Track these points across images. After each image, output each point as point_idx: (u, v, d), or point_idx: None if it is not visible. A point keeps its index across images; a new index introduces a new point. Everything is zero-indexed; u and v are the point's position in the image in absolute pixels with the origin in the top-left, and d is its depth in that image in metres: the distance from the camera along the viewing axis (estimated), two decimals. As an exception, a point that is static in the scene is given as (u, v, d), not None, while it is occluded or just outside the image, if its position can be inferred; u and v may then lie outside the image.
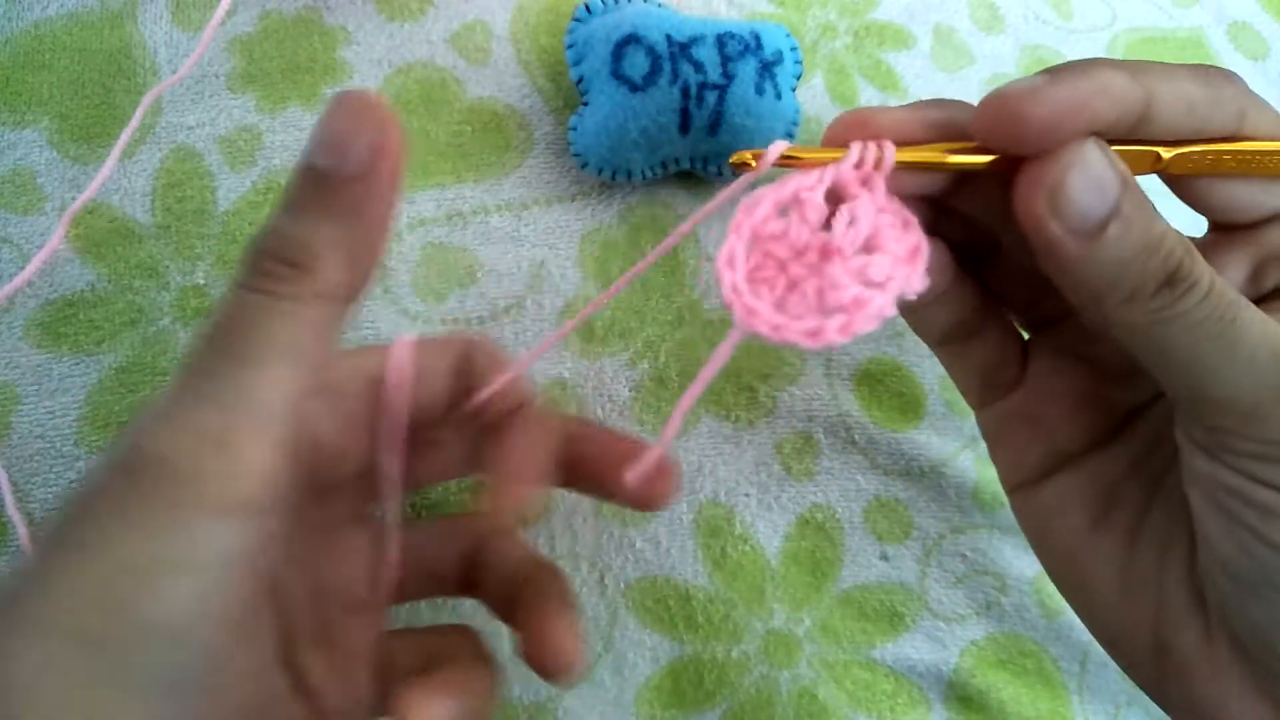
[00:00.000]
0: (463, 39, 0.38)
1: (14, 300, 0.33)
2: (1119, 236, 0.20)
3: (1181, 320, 0.20)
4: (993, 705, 0.34)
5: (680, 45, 0.34)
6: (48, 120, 0.35)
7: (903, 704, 0.34)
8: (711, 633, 0.34)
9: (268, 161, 0.36)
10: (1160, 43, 0.44)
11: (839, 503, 0.35)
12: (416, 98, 0.37)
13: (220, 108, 0.36)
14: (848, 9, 0.41)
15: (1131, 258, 0.20)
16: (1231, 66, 0.44)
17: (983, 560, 0.35)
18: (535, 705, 0.32)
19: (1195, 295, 0.20)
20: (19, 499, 0.32)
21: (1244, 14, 0.45)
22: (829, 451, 0.36)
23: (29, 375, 0.33)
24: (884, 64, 0.40)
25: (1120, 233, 0.20)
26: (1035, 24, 0.42)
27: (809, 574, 0.35)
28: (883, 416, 0.36)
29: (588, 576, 0.34)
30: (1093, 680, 0.35)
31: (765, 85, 0.35)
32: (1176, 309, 0.20)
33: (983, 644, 0.35)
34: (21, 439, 0.32)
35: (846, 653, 0.34)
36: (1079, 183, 0.20)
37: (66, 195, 0.34)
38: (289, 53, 0.37)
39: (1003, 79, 0.40)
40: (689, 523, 0.34)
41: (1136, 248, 0.20)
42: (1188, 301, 0.20)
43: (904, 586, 0.35)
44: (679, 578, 0.34)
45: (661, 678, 0.33)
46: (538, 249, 0.36)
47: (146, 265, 0.34)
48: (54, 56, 0.36)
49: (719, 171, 0.36)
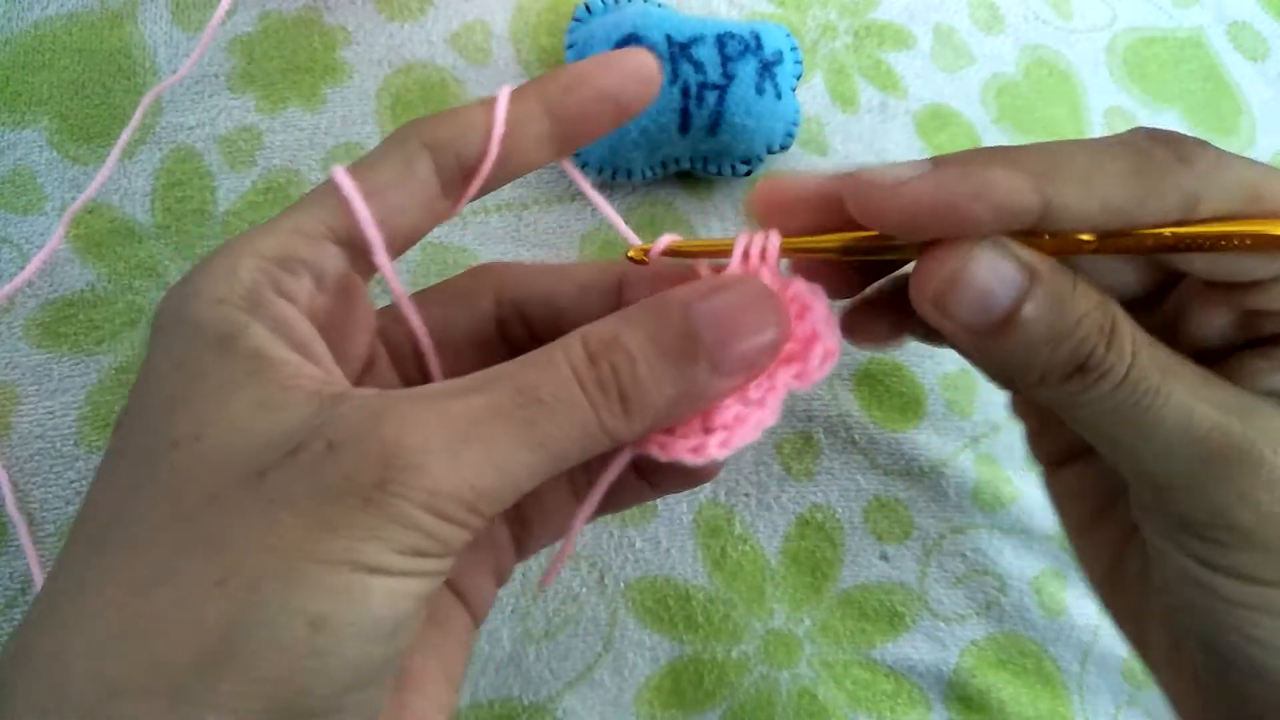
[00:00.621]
0: (463, 39, 0.38)
1: (14, 300, 0.33)
2: (1023, 330, 0.20)
3: (1094, 405, 0.20)
4: (993, 705, 0.34)
5: (680, 45, 0.34)
6: (48, 120, 0.35)
7: (903, 704, 0.34)
8: (711, 633, 0.34)
9: (267, 161, 0.36)
10: (1160, 43, 0.44)
11: (839, 503, 0.35)
12: (416, 98, 0.37)
13: (220, 108, 0.36)
14: (848, 9, 0.41)
15: (1038, 348, 0.20)
16: (1231, 66, 0.44)
17: (983, 560, 0.35)
18: (535, 705, 0.32)
19: (1107, 383, 0.20)
20: (19, 499, 0.32)
21: (1244, 14, 0.45)
22: (829, 451, 0.36)
23: (29, 375, 0.33)
24: (884, 64, 0.40)
25: (1024, 327, 0.20)
26: (1035, 24, 0.42)
27: (809, 574, 0.35)
28: (883, 416, 0.36)
29: (587, 577, 0.34)
30: (1093, 680, 0.35)
31: (765, 85, 0.35)
32: (1089, 395, 0.20)
33: (983, 644, 0.35)
34: (21, 439, 0.32)
35: (846, 653, 0.34)
36: (965, 292, 0.20)
37: (66, 195, 0.34)
38: (289, 53, 0.37)
39: (1003, 79, 0.41)
40: (689, 523, 0.34)
41: (1043, 339, 0.20)
42: (1100, 389, 0.20)
43: (904, 586, 0.35)
44: (679, 578, 0.34)
45: (661, 678, 0.33)
46: (538, 249, 0.36)
47: (146, 265, 0.34)
48: (54, 56, 0.36)
49: (719, 171, 0.36)
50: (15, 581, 0.31)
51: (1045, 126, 0.41)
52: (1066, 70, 0.42)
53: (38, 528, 0.32)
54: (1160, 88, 0.43)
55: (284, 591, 0.16)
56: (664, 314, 0.20)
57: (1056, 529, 0.36)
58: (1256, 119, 0.43)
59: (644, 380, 0.19)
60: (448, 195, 0.22)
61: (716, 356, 0.20)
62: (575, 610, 0.33)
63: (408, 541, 0.17)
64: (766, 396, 0.21)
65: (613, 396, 0.19)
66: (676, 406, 0.20)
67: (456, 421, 0.18)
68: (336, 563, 0.17)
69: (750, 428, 0.21)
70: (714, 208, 0.37)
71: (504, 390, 0.18)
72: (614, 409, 0.19)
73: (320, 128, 0.36)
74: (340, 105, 0.36)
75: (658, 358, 0.19)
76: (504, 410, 0.18)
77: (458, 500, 0.17)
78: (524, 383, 0.18)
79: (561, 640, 0.33)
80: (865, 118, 0.39)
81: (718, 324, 0.20)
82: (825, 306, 0.21)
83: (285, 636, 0.16)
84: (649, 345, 0.19)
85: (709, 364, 0.19)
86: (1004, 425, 0.37)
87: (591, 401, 0.19)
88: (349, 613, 0.17)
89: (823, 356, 0.21)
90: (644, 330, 0.20)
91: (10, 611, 0.31)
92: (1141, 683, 0.35)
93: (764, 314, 0.20)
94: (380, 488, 0.17)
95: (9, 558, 0.32)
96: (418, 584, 0.18)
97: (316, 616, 0.16)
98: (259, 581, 0.16)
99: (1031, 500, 0.36)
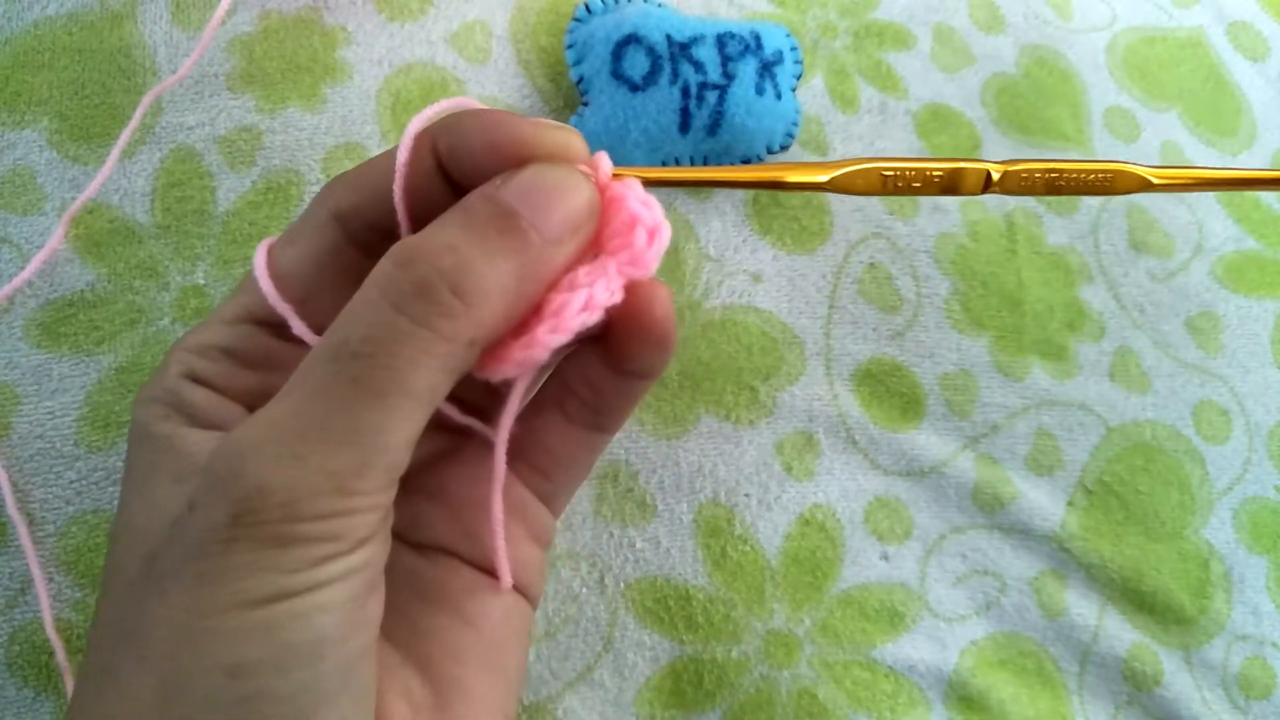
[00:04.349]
0: (463, 39, 0.38)
1: (14, 300, 0.33)
2: None
3: None
4: (993, 705, 0.34)
5: (680, 45, 0.34)
6: (48, 120, 0.35)
7: (903, 704, 0.34)
8: (711, 633, 0.34)
9: (267, 161, 0.36)
10: (1160, 43, 0.44)
11: (839, 503, 0.35)
12: (416, 98, 0.37)
13: (220, 108, 0.36)
14: (848, 9, 0.41)
15: None
16: (1231, 66, 0.44)
17: (983, 560, 0.35)
18: (535, 705, 0.33)
19: None
20: (19, 499, 0.32)
21: (1244, 14, 0.45)
22: (829, 451, 0.36)
23: (29, 375, 0.33)
24: (884, 64, 0.40)
25: None
26: (1035, 24, 0.42)
27: (809, 574, 0.35)
28: (883, 416, 0.36)
29: (587, 577, 0.34)
30: (1092, 680, 0.35)
31: (765, 85, 0.35)
32: None
33: (983, 644, 0.35)
34: (21, 439, 0.32)
35: (846, 653, 0.34)
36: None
37: (66, 195, 0.34)
38: (289, 53, 0.37)
39: (1003, 79, 0.41)
40: (689, 523, 0.34)
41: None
42: None
43: (904, 586, 0.35)
44: (679, 578, 0.34)
45: (661, 678, 0.33)
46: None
47: (146, 265, 0.34)
48: (54, 56, 0.36)
49: (719, 171, 0.36)
50: (15, 581, 0.31)
51: (1045, 126, 0.41)
52: (1067, 70, 0.42)
53: (38, 528, 0.32)
54: (1160, 88, 0.43)
55: (193, 653, 0.16)
56: (471, 205, 0.19)
57: (1056, 529, 0.36)
58: (1256, 119, 0.43)
59: (472, 262, 0.18)
60: (370, 255, 0.20)
61: (539, 223, 0.19)
62: (575, 610, 0.33)
63: (292, 558, 0.17)
64: (595, 280, 0.20)
65: (441, 294, 0.17)
66: (521, 284, 0.19)
67: (281, 422, 0.17)
68: (227, 609, 0.16)
69: (575, 309, 0.20)
70: (714, 207, 0.37)
71: (316, 366, 0.17)
72: (447, 306, 0.17)
73: (320, 128, 0.36)
74: (340, 105, 0.36)
75: (480, 240, 0.18)
76: (323, 386, 0.17)
77: (320, 494, 0.17)
78: (331, 346, 0.17)
79: (561, 640, 0.33)
80: (865, 118, 0.39)
81: (528, 196, 0.19)
82: (637, 192, 0.21)
83: (209, 691, 0.16)
84: (467, 232, 0.18)
85: (535, 230, 0.19)
86: (1004, 425, 0.37)
87: (415, 317, 0.17)
88: (258, 650, 0.16)
89: (647, 236, 0.20)
90: (454, 224, 0.19)
91: (10, 612, 0.31)
92: (1141, 683, 0.35)
93: (569, 179, 0.20)
94: (235, 524, 0.16)
95: (9, 558, 0.32)
96: (335, 591, 0.17)
97: (230, 665, 0.16)
98: (171, 653, 0.17)
99: (1031, 500, 0.36)
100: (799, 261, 0.37)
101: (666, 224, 0.21)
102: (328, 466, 0.17)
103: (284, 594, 0.16)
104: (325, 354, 0.18)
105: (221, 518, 0.17)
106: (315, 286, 0.21)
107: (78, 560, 0.32)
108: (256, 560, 0.16)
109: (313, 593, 0.17)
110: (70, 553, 0.32)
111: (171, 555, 0.17)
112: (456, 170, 0.21)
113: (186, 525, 0.17)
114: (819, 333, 0.36)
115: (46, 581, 0.31)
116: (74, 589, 0.32)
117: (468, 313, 0.18)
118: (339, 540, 0.17)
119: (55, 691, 0.31)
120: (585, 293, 0.20)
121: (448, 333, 0.17)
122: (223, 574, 0.16)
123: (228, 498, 0.17)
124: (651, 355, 0.22)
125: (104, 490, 0.32)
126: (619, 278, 0.20)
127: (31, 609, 0.31)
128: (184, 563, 0.17)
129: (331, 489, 0.17)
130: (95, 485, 0.32)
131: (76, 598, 0.31)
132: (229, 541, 0.16)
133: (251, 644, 0.16)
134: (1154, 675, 0.35)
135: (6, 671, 0.31)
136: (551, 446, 0.23)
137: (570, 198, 0.19)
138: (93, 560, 0.32)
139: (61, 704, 0.31)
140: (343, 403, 0.17)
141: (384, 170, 0.21)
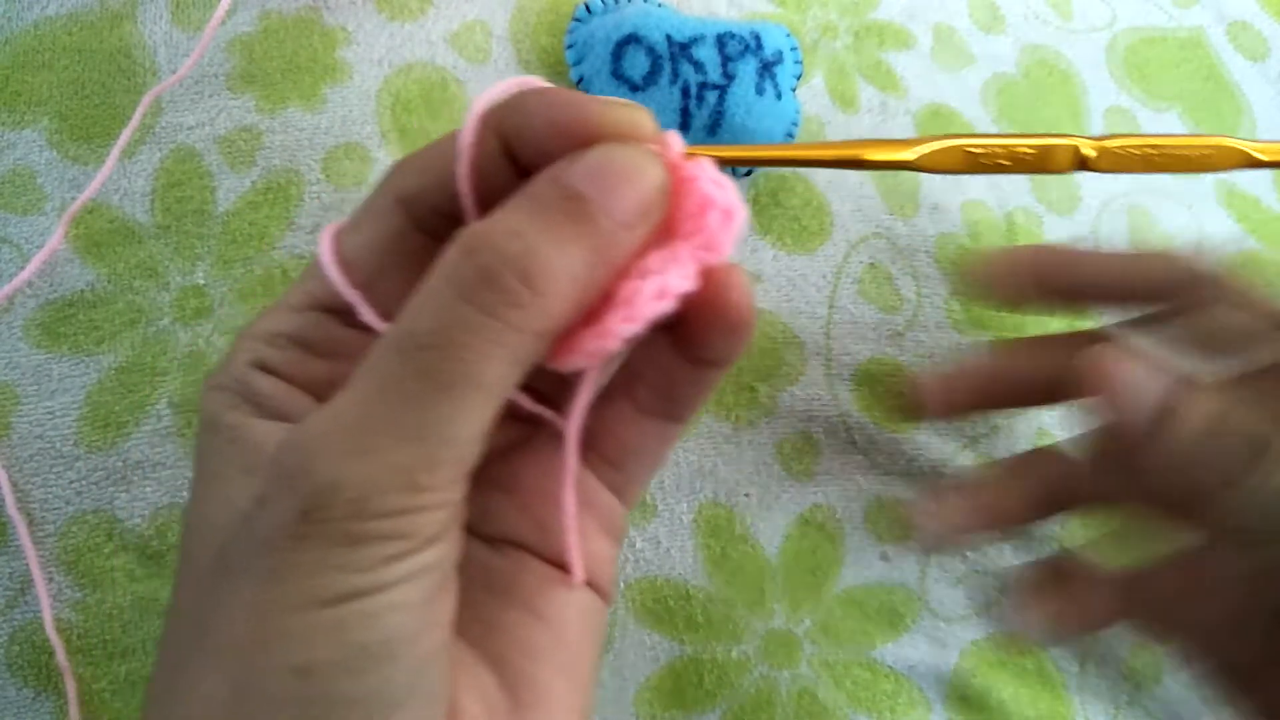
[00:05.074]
0: (463, 39, 0.38)
1: (14, 300, 0.33)
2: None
3: None
4: (993, 705, 0.34)
5: (680, 45, 0.34)
6: (48, 120, 0.35)
7: (903, 704, 0.34)
8: (711, 633, 0.34)
9: (267, 161, 0.36)
10: (1160, 43, 0.44)
11: (839, 503, 0.35)
12: (416, 98, 0.37)
13: (220, 108, 0.36)
14: (848, 9, 0.41)
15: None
16: (1231, 66, 0.44)
17: (983, 560, 0.36)
18: (535, 705, 0.33)
19: None
20: (19, 499, 0.32)
21: (1244, 14, 0.45)
22: (829, 451, 0.36)
23: (29, 375, 0.33)
24: (884, 64, 0.40)
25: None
26: (1035, 24, 0.42)
27: (809, 574, 0.35)
28: (883, 416, 0.36)
29: (588, 576, 0.34)
30: (1092, 680, 0.35)
31: (765, 85, 0.35)
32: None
33: (983, 644, 0.35)
34: (21, 439, 0.32)
35: (846, 653, 0.34)
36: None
37: (66, 195, 0.34)
38: (289, 53, 0.37)
39: (1003, 79, 0.41)
40: (689, 523, 0.34)
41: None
42: None
43: (904, 586, 0.35)
44: (679, 578, 0.34)
45: (661, 678, 0.33)
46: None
47: (146, 265, 0.34)
48: (54, 56, 0.36)
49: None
50: (15, 581, 0.31)
51: (1045, 127, 0.40)
52: (1067, 70, 0.42)
53: (38, 528, 0.32)
54: (1160, 88, 0.43)
55: (263, 653, 0.16)
56: (537, 189, 0.18)
57: (1056, 529, 0.36)
58: (1256, 119, 0.43)
59: (540, 248, 0.17)
60: (437, 241, 0.19)
61: (609, 206, 0.18)
62: (575, 610, 0.33)
63: (362, 557, 0.16)
64: (668, 267, 0.19)
65: (508, 282, 0.17)
66: (591, 271, 0.18)
67: (349, 416, 0.17)
68: (297, 608, 0.16)
69: (648, 297, 0.19)
70: (714, 208, 0.37)
71: (383, 358, 0.17)
72: (515, 295, 0.17)
73: (320, 128, 0.36)
74: (340, 105, 0.36)
75: (547, 225, 0.17)
76: (390, 379, 0.17)
77: (389, 490, 0.16)
78: (397, 337, 0.17)
79: (561, 640, 0.33)
80: (865, 118, 0.39)
81: (596, 179, 0.18)
82: (710, 172, 0.20)
83: (279, 692, 0.16)
84: (533, 217, 0.18)
85: (604, 214, 0.18)
86: (1004, 425, 0.37)
87: (482, 306, 0.17)
88: (328, 650, 0.16)
89: (722, 218, 0.20)
90: (520, 209, 0.18)
91: (10, 612, 0.31)
92: (1141, 683, 0.35)
93: (639, 159, 0.19)
94: (305, 520, 0.16)
95: (9, 558, 0.32)
96: (406, 590, 0.17)
97: (299, 666, 0.16)
98: (242, 652, 0.16)
99: (1031, 500, 0.36)
100: (799, 261, 0.37)
101: (742, 205, 0.20)
102: (397, 462, 0.16)
103: (354, 593, 0.16)
104: (392, 345, 0.17)
105: (291, 514, 0.16)
106: (381, 272, 0.21)
107: (78, 560, 0.32)
108: (326, 558, 0.16)
109: (383, 592, 0.16)
110: (70, 552, 0.32)
111: (242, 550, 0.17)
112: (523, 152, 0.20)
113: (256, 521, 0.17)
114: (819, 333, 0.36)
115: (46, 581, 0.31)
116: (74, 589, 0.32)
117: (536, 301, 0.17)
118: (409, 538, 0.17)
119: (55, 691, 0.31)
120: (658, 280, 0.19)
121: (516, 322, 0.17)
122: (292, 571, 0.16)
123: (297, 494, 0.16)
124: (727, 342, 0.21)
125: (104, 490, 0.32)
126: (692, 263, 0.19)
127: (31, 609, 0.31)
128: (254, 559, 0.17)
129: (401, 485, 0.16)
130: (95, 485, 0.32)
131: (76, 598, 0.31)
132: (298, 539, 0.16)
133: (321, 644, 0.16)
134: (1154, 675, 0.35)
135: (6, 671, 0.31)
136: (622, 437, 0.23)
137: (640, 179, 0.18)
138: (93, 560, 0.32)
139: (61, 704, 0.31)
140: (411, 396, 0.16)
141: (448, 154, 0.20)
